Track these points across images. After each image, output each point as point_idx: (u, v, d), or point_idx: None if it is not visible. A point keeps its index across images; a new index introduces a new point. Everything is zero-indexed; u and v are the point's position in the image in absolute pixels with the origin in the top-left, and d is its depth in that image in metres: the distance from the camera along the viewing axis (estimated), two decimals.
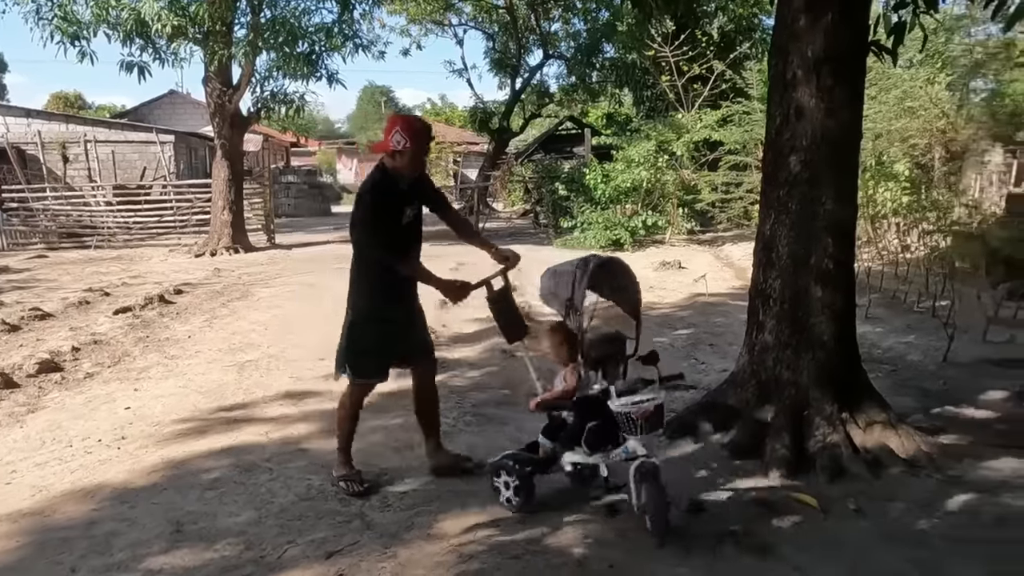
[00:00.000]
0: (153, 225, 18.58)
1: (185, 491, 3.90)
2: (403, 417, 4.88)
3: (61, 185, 20.47)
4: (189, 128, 26.71)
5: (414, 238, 3.83)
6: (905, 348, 6.48)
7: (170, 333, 7.89)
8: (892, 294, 8.65)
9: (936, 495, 3.66)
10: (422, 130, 3.69)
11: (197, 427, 4.91)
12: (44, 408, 5.45)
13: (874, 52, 4.33)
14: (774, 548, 3.19)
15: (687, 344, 6.90)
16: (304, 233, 20.09)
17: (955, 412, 4.81)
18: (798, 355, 4.19)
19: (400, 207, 3.67)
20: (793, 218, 4.17)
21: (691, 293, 9.59)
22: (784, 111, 4.18)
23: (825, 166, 4.08)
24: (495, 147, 29.35)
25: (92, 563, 3.20)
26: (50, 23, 13.29)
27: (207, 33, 14.00)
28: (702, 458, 4.16)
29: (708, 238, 16.20)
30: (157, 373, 6.32)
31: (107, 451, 4.52)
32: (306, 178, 30.51)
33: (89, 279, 12.08)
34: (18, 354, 6.86)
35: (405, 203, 3.70)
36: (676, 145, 16.15)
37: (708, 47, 18.76)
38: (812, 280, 4.14)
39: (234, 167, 16.14)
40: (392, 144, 3.62)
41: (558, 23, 28.49)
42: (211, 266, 13.77)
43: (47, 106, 38.72)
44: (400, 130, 3.62)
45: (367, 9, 16.94)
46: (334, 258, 14.68)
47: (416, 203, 3.76)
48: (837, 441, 3.98)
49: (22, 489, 3.99)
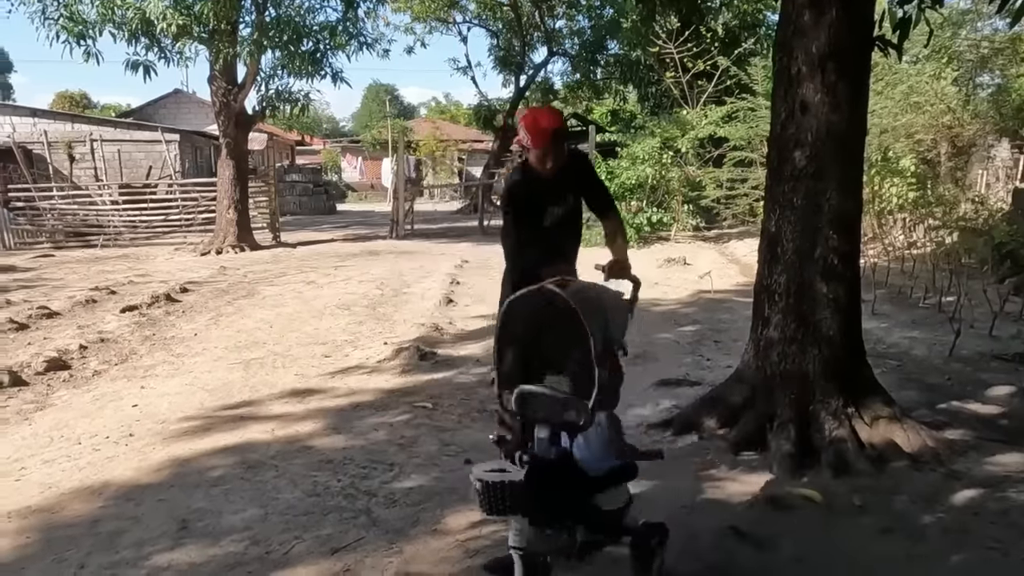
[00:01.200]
0: (159, 224, 18.64)
1: (191, 488, 3.91)
2: (407, 414, 4.90)
3: (67, 184, 20.53)
4: (194, 127, 26.79)
5: (566, 239, 3.43)
6: (910, 343, 6.47)
7: (176, 331, 7.92)
8: (898, 290, 8.63)
9: (940, 490, 3.65)
10: (535, 125, 3.26)
11: (203, 425, 4.93)
12: (52, 406, 5.49)
13: (879, 47, 4.31)
14: (777, 542, 3.20)
15: (692, 341, 6.90)
16: (309, 231, 20.13)
17: (960, 407, 4.80)
18: (803, 350, 4.18)
19: (540, 205, 3.33)
20: (798, 213, 4.16)
21: (696, 290, 9.59)
22: (789, 106, 4.17)
23: (830, 161, 4.07)
24: (499, 145, 29.34)
25: (99, 560, 3.21)
26: (56, 23, 13.34)
27: (212, 32, 14.02)
28: (706, 454, 4.16)
29: (713, 235, 16.18)
30: (163, 371, 6.35)
31: (114, 448, 4.55)
32: (311, 176, 30.56)
33: (95, 278, 12.13)
34: (26, 352, 6.90)
35: (548, 201, 3.34)
36: (681, 142, 16.14)
37: (713, 43, 18.72)
38: (817, 275, 4.13)
39: (239, 166, 16.18)
40: (521, 139, 3.36)
41: (562, 20, 28.51)
42: (216, 264, 13.81)
43: (52, 106, 38.88)
44: (522, 125, 3.34)
45: (371, 7, 17.00)
46: (338, 256, 14.73)
47: (569, 198, 3.38)
48: (842, 436, 3.97)
49: (31, 486, 4.01)
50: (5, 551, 3.32)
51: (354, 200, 38.77)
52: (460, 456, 4.24)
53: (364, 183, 45.00)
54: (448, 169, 40.76)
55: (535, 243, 3.20)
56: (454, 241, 17.48)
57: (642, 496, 3.45)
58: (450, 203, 32.29)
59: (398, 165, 19.79)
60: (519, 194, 3.39)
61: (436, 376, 5.87)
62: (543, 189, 3.32)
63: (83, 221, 18.57)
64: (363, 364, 6.31)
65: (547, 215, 3.32)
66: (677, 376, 5.64)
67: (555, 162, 3.28)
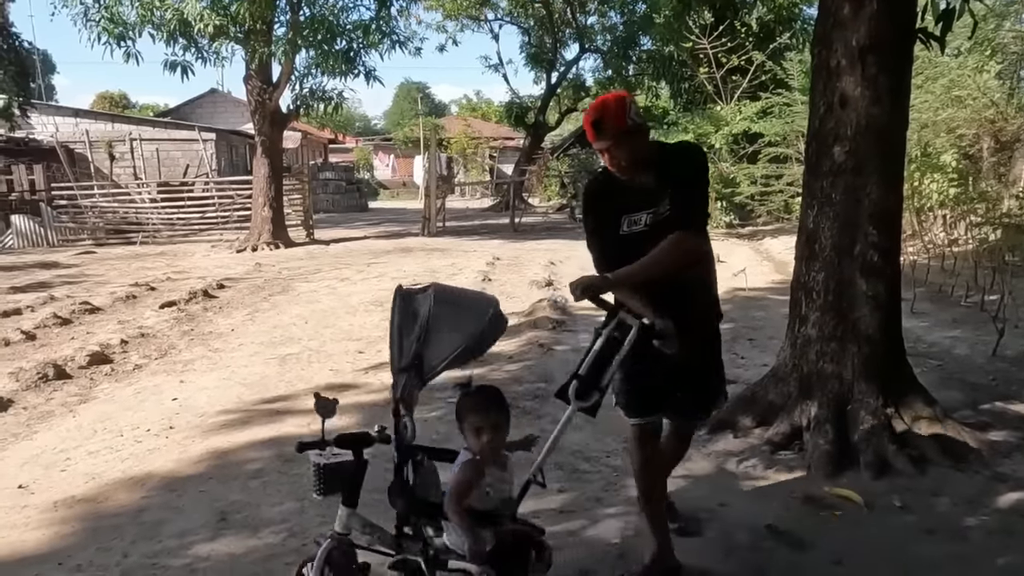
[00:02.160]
0: (196, 221, 18.97)
1: (230, 481, 3.98)
2: (441, 410, 4.92)
3: (108, 183, 21.00)
4: (230, 126, 27.20)
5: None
6: (952, 342, 6.33)
7: (214, 327, 8.05)
8: (938, 288, 8.45)
9: (984, 492, 3.58)
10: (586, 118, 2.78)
11: (241, 418, 5.01)
12: (95, 399, 5.62)
13: (921, 40, 4.23)
14: (815, 542, 3.16)
15: (727, 339, 6.77)
16: (342, 229, 20.31)
17: (1004, 408, 4.69)
18: (842, 348, 4.12)
19: (618, 212, 2.82)
20: (837, 208, 4.09)
21: (730, 287, 9.48)
22: (828, 100, 4.11)
23: (870, 155, 4.00)
24: (531, 142, 29.35)
25: (142, 549, 3.29)
26: (97, 24, 13.65)
27: (248, 32, 14.23)
28: (742, 453, 4.12)
29: (747, 232, 16.00)
30: (202, 366, 6.46)
31: (155, 441, 4.64)
32: (344, 174, 30.86)
33: (135, 274, 12.39)
34: (70, 346, 7.08)
35: (628, 208, 2.80)
36: (714, 138, 15.98)
37: (747, 38, 18.50)
38: (856, 271, 4.07)
39: (274, 164, 16.39)
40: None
41: (594, 16, 28.41)
42: (252, 261, 14.01)
43: (93, 106, 39.71)
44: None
45: (404, 5, 17.09)
46: (371, 253, 14.85)
47: (656, 208, 2.76)
48: (882, 436, 3.91)
49: (76, 477, 4.12)
50: (52, 539, 3.42)
51: (386, 197, 39.04)
52: None
53: (396, 181, 45.29)
54: (479, 167, 40.83)
55: (618, 257, 2.73)
56: (485, 238, 17.52)
57: (677, 494, 3.44)
58: (481, 200, 32.34)
59: (430, 163, 19.89)
60: (592, 199, 3.00)
61: (467, 374, 5.88)
62: (625, 193, 2.80)
63: (123, 219, 18.98)
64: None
65: (625, 224, 2.80)
66: None
67: (624, 162, 2.72)
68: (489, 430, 2.37)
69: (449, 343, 2.47)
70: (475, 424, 2.38)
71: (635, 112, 2.71)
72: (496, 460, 2.42)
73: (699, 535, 3.23)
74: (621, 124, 2.67)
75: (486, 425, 2.37)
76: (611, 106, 2.70)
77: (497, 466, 2.42)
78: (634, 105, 2.74)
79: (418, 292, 2.60)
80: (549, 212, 24.87)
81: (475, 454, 2.38)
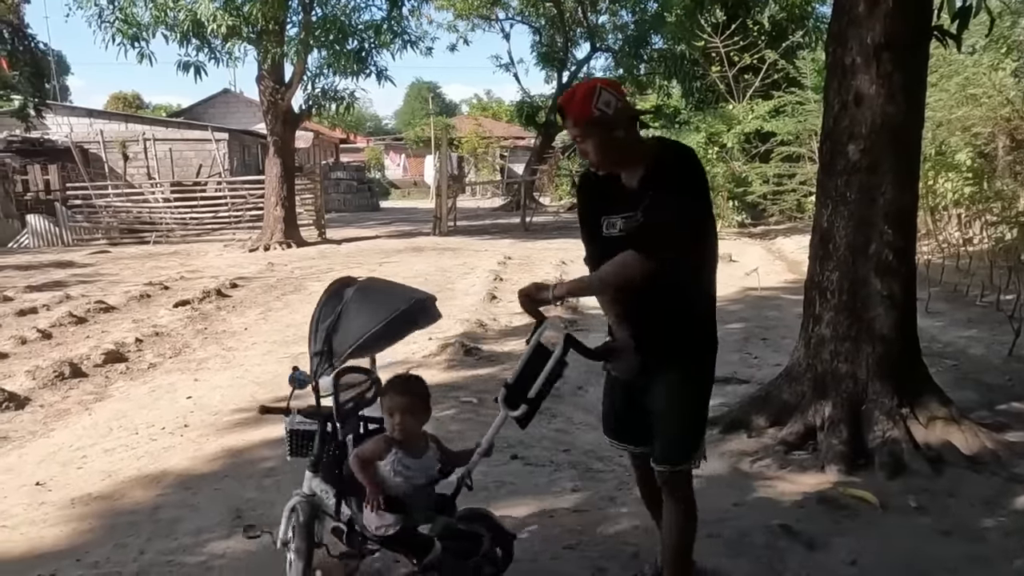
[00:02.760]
0: (209, 221, 19.08)
1: (244, 479, 4.01)
2: (453, 408, 4.93)
3: (122, 183, 21.15)
4: (242, 126, 27.32)
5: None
6: (967, 342, 6.28)
7: (227, 326, 8.10)
8: (953, 287, 8.39)
9: (1001, 493, 3.55)
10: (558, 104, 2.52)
11: (254, 417, 5.00)
12: (111, 397, 5.67)
13: (937, 38, 4.20)
14: (829, 542, 3.14)
15: (739, 339, 6.81)
16: (354, 228, 20.38)
17: (1021, 408, 4.65)
18: (856, 348, 4.09)
19: (598, 211, 2.55)
20: (851, 207, 4.07)
21: (742, 287, 9.45)
22: (842, 99, 4.09)
23: (885, 153, 3.97)
24: (542, 141, 29.29)
25: (158, 546, 3.31)
26: (111, 25, 13.77)
27: (260, 32, 14.30)
28: (756, 453, 4.10)
29: (759, 231, 15.95)
30: (215, 364, 6.50)
31: (170, 439, 4.68)
32: (355, 174, 30.95)
33: (149, 273, 12.48)
34: (85, 345, 7.14)
35: (608, 209, 2.52)
36: (726, 137, 15.92)
37: (759, 36, 18.40)
38: (871, 271, 4.04)
39: (286, 164, 16.46)
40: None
41: (605, 15, 28.32)
42: (265, 260, 14.08)
43: (107, 106, 39.98)
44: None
45: (415, 5, 17.12)
46: (382, 252, 14.89)
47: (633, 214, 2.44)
48: (897, 436, 3.88)
49: (92, 474, 4.16)
50: (70, 536, 3.45)
51: (397, 197, 39.13)
52: (507, 451, 4.25)
53: (407, 180, 45.39)
54: (490, 166, 40.83)
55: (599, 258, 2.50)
56: (497, 238, 17.53)
57: None
58: (492, 200, 32.36)
59: (441, 162, 19.93)
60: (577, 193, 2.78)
61: (481, 372, 5.90)
62: (609, 192, 2.53)
63: (137, 218, 19.12)
64: (409, 359, 6.36)
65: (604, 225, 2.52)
66: (725, 374, 5.56)
67: (594, 156, 2.46)
68: (399, 413, 2.55)
69: (356, 330, 2.61)
70: (388, 406, 2.59)
71: (604, 102, 2.38)
72: (409, 446, 2.58)
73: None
74: (585, 113, 2.40)
75: (397, 408, 2.55)
76: (579, 93, 2.44)
77: (410, 452, 2.58)
78: (606, 95, 2.40)
79: (349, 284, 2.80)
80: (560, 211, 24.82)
81: (390, 433, 2.60)
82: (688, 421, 2.54)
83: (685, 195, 2.40)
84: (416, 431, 2.61)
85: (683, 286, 2.45)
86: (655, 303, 2.46)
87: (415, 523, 2.56)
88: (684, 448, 2.53)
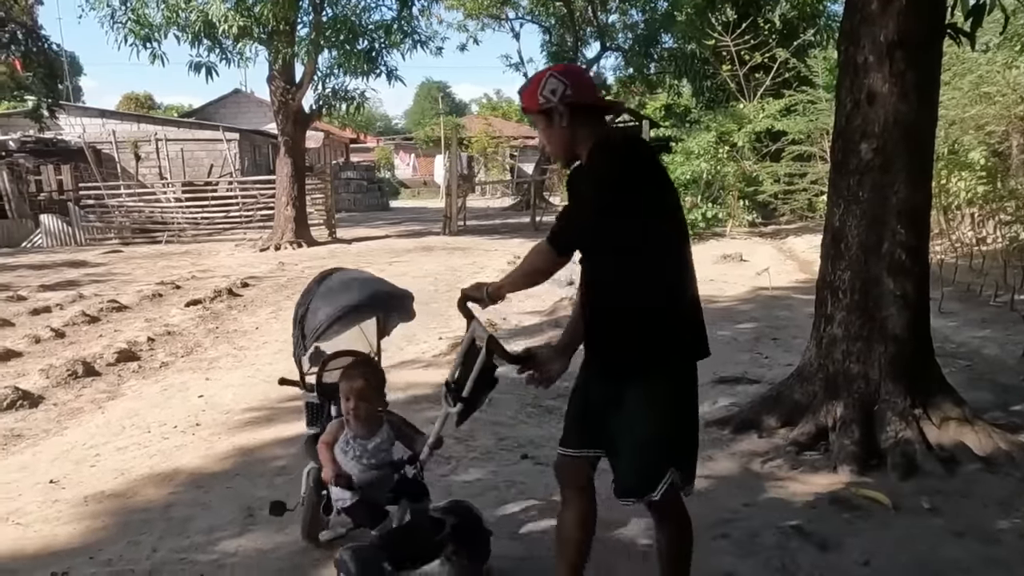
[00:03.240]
0: (220, 221, 19.19)
1: (256, 477, 4.02)
2: None
3: (134, 183, 21.29)
4: (253, 126, 27.43)
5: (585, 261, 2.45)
6: (981, 342, 6.23)
7: (238, 325, 8.14)
8: (967, 287, 8.32)
9: (1015, 494, 3.52)
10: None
11: (265, 415, 5.05)
12: (123, 395, 5.71)
13: (951, 35, 4.17)
14: (841, 543, 3.13)
15: (750, 338, 6.78)
16: (364, 228, 20.44)
17: None
18: (869, 348, 4.07)
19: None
20: (864, 206, 4.05)
21: (753, 287, 9.42)
22: (855, 97, 4.06)
23: (898, 152, 3.95)
24: None
25: (171, 544, 3.33)
26: (124, 26, 13.87)
27: (271, 33, 14.36)
28: (767, 453, 4.09)
29: (770, 230, 15.88)
30: (227, 363, 6.53)
31: (182, 437, 4.70)
32: (365, 174, 31.04)
33: (161, 273, 12.55)
34: (98, 344, 7.19)
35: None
36: (737, 136, 15.86)
37: (771, 35, 18.32)
38: (883, 270, 4.02)
39: (297, 163, 16.53)
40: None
41: (615, 14, 28.30)
42: (275, 260, 14.14)
43: (119, 107, 40.21)
44: None
45: (425, 5, 17.20)
46: (392, 252, 14.93)
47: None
48: (910, 437, 3.86)
49: (105, 472, 4.18)
50: (83, 533, 3.47)
51: (407, 196, 39.21)
52: (516, 451, 4.26)
53: (417, 180, 45.46)
54: (500, 166, 40.84)
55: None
56: (506, 237, 17.53)
57: (702, 494, 3.42)
58: (502, 199, 32.38)
59: (450, 162, 19.95)
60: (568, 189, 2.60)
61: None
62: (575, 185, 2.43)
63: (149, 218, 19.26)
64: (419, 358, 6.38)
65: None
66: (735, 374, 5.55)
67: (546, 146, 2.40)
68: (352, 397, 2.70)
69: (323, 314, 2.91)
70: (343, 390, 2.75)
71: (550, 90, 2.23)
72: (362, 430, 2.73)
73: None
74: (532, 103, 2.29)
75: (350, 392, 2.71)
76: (531, 80, 2.32)
77: (361, 435, 2.73)
78: (552, 82, 2.24)
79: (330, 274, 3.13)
80: None
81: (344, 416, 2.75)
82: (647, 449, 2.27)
83: (591, 188, 2.26)
84: (369, 415, 2.74)
85: (614, 285, 2.31)
86: (596, 302, 2.39)
87: (373, 500, 2.64)
88: (645, 477, 2.27)
